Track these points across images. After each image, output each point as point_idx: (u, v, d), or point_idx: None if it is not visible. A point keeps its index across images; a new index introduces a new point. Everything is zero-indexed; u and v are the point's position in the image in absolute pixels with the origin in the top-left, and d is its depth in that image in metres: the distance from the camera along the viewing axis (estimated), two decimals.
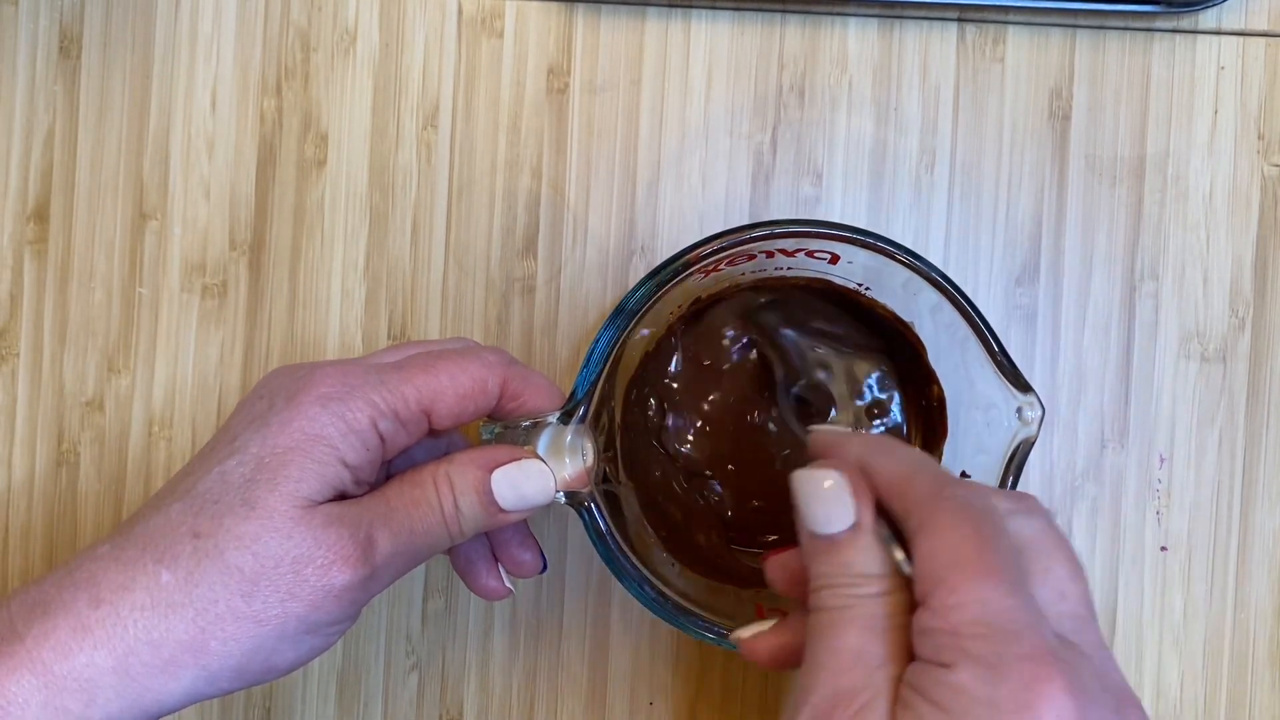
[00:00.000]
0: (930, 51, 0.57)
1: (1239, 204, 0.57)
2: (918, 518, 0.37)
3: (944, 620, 0.34)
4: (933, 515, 0.36)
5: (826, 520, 0.38)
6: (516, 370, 0.46)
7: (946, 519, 0.36)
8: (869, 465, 0.39)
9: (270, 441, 0.41)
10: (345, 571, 0.41)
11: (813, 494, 0.39)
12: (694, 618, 0.47)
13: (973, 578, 0.34)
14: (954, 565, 0.35)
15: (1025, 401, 0.46)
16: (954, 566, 0.35)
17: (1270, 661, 0.57)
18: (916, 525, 0.36)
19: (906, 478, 0.38)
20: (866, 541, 0.38)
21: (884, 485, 0.38)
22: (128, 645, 0.39)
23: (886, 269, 0.47)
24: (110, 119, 0.58)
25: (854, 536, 0.38)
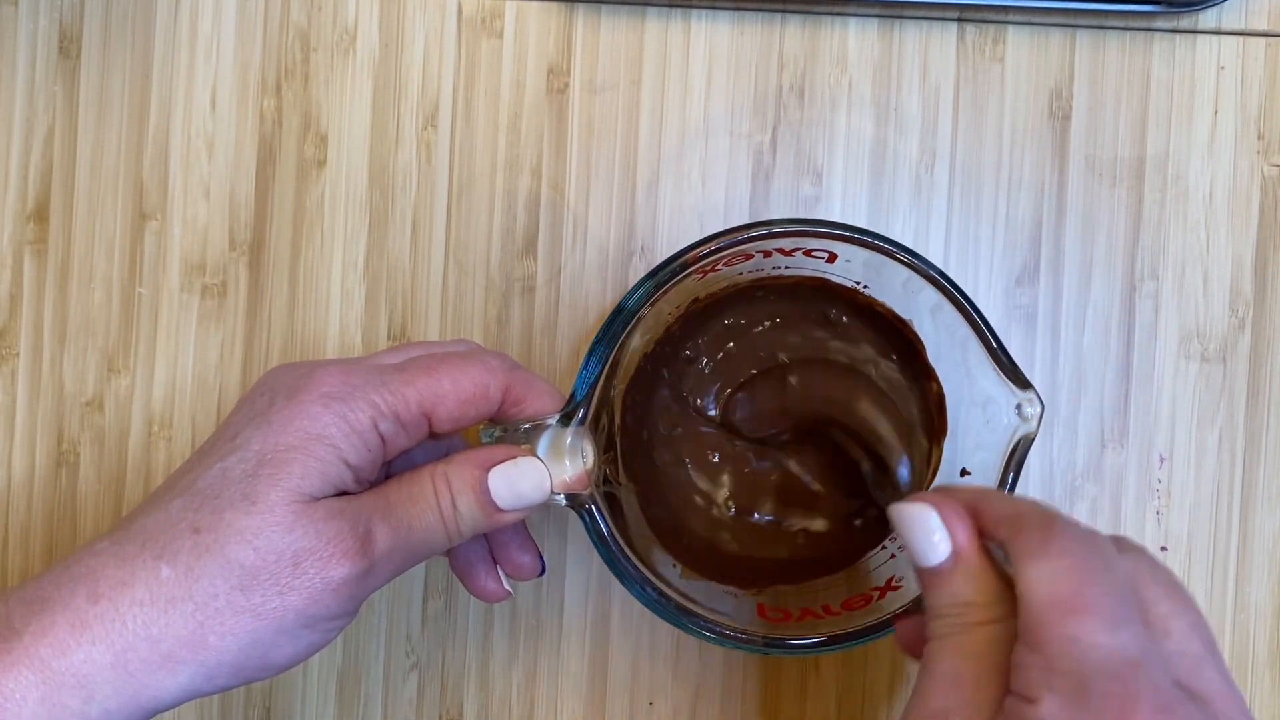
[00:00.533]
0: (930, 51, 0.57)
1: (1239, 204, 0.57)
2: (1022, 548, 0.36)
3: (1036, 655, 0.34)
4: (1039, 545, 0.36)
5: (926, 553, 0.39)
6: (519, 375, 0.46)
7: (1052, 549, 0.36)
8: (979, 504, 0.39)
9: (272, 439, 0.41)
10: (344, 565, 0.41)
11: (911, 527, 0.39)
12: (695, 618, 0.47)
13: (1068, 614, 0.34)
14: (1051, 599, 0.35)
15: (1025, 398, 0.46)
16: (1051, 600, 0.34)
17: (1270, 662, 0.57)
18: (1020, 555, 0.36)
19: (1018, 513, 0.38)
20: (968, 570, 0.38)
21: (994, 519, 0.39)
22: (126, 641, 0.39)
23: (886, 268, 0.47)
24: (110, 119, 0.58)
25: (955, 565, 0.39)
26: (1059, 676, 0.33)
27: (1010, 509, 0.38)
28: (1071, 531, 0.37)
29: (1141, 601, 0.36)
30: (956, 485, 0.42)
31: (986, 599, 0.38)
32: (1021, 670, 0.34)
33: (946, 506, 0.39)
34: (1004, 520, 0.38)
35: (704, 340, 0.54)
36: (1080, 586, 0.34)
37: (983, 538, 0.39)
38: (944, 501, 0.40)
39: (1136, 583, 0.37)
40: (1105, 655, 0.33)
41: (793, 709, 0.57)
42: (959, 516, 0.39)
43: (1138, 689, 0.32)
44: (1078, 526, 0.37)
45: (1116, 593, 0.35)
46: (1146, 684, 0.33)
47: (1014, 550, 0.37)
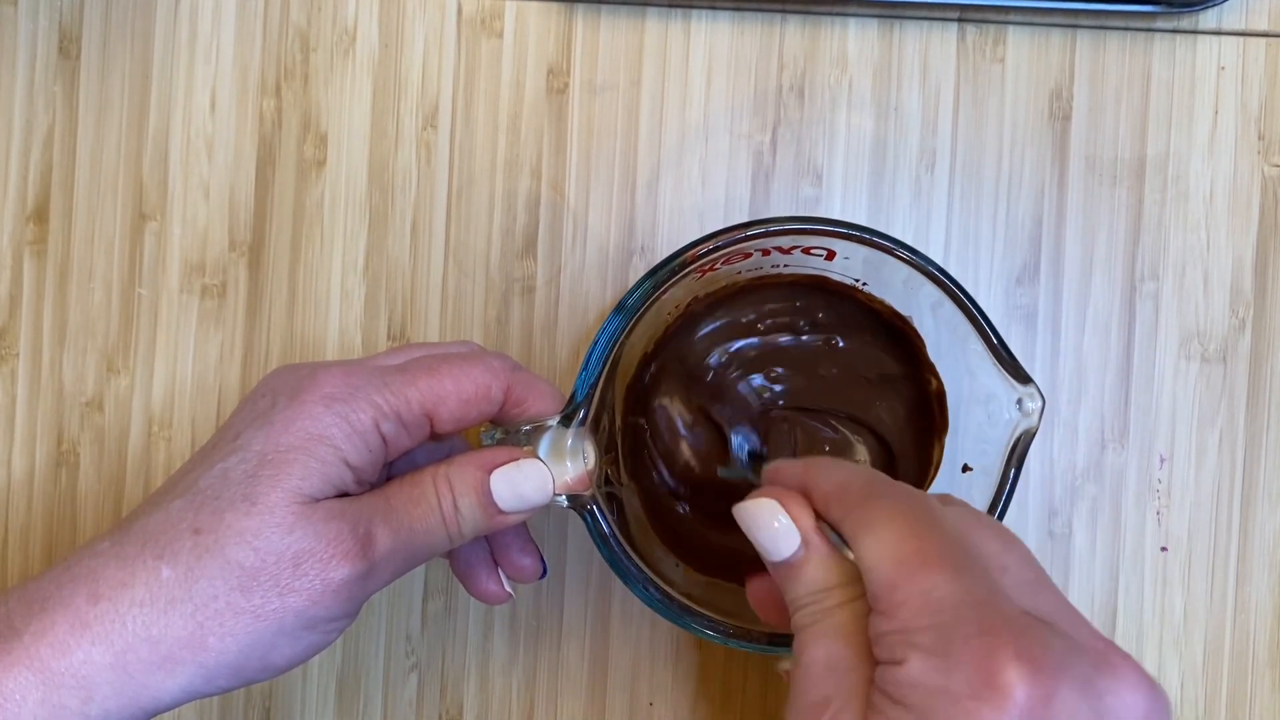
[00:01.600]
0: (930, 51, 0.57)
1: (1239, 204, 0.57)
2: (853, 524, 0.37)
3: (893, 620, 0.34)
4: (869, 515, 0.37)
5: (776, 548, 0.40)
6: (520, 376, 0.46)
7: (879, 518, 0.36)
8: (807, 484, 0.40)
9: (273, 439, 0.41)
10: (344, 566, 0.41)
11: (757, 524, 0.40)
12: (698, 617, 0.47)
13: (912, 571, 0.35)
14: (891, 561, 0.35)
15: (1025, 393, 0.46)
16: (891, 562, 0.35)
17: (1270, 661, 0.57)
18: (855, 527, 0.37)
19: (842, 488, 0.39)
20: (818, 556, 0.39)
21: (821, 500, 0.40)
22: (126, 642, 0.39)
23: (886, 265, 0.47)
24: (110, 119, 0.58)
25: (807, 555, 0.39)
26: (918, 633, 0.33)
27: (832, 485, 0.39)
28: (893, 494, 0.38)
29: (974, 544, 0.37)
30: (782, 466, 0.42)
31: (841, 579, 0.38)
32: (882, 639, 0.35)
33: (786, 497, 0.40)
34: (831, 499, 0.39)
35: (704, 339, 0.54)
36: (917, 544, 0.35)
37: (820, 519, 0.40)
38: (783, 494, 0.40)
39: (964, 529, 0.37)
40: (956, 602, 0.34)
41: None
42: (799, 505, 0.40)
43: (994, 624, 0.33)
44: (897, 488, 0.39)
45: (951, 542, 0.36)
46: (999, 618, 0.33)
47: (846, 530, 0.38)
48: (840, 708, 0.35)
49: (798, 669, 0.38)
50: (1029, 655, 0.32)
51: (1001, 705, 0.31)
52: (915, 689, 0.33)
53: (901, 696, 0.33)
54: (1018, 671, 0.32)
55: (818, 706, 0.36)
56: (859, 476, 0.39)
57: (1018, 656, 0.32)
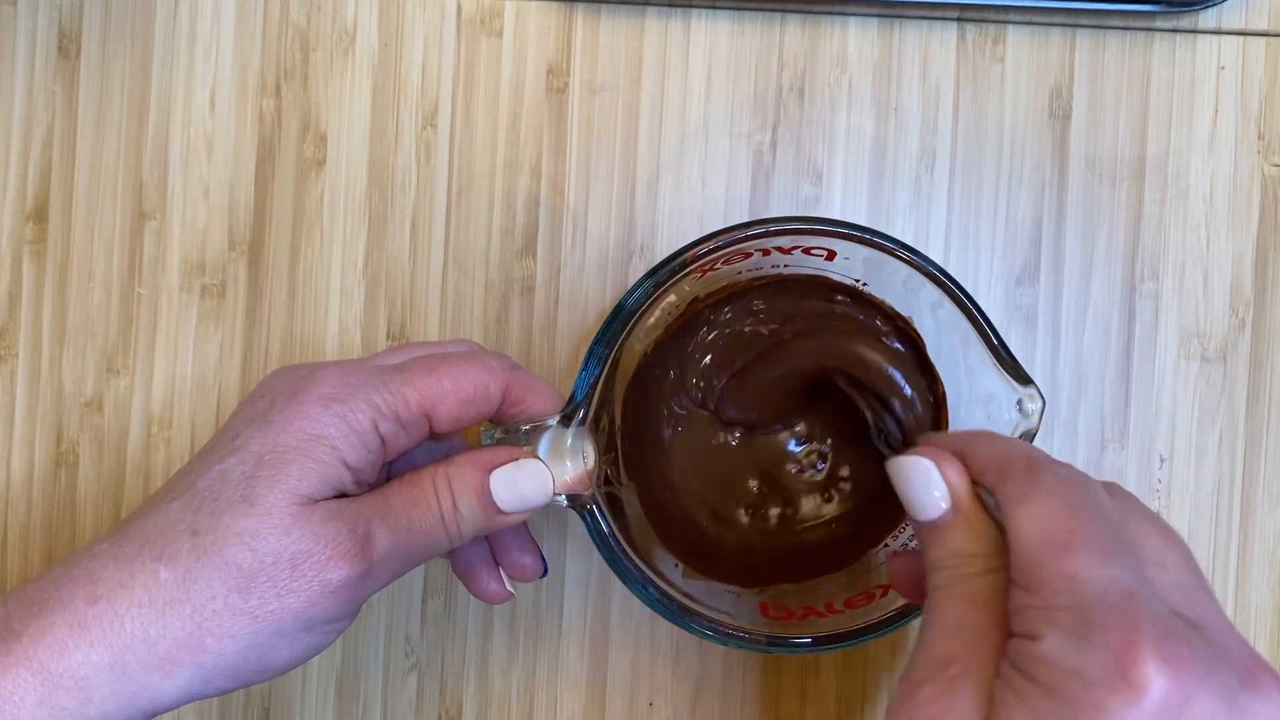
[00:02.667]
0: (930, 51, 0.57)
1: (1239, 204, 0.57)
2: (1010, 492, 0.37)
3: (1035, 595, 0.34)
4: (1026, 490, 0.36)
5: (924, 507, 0.39)
6: (519, 375, 0.46)
7: (1038, 492, 0.36)
8: (967, 451, 0.40)
9: (271, 440, 0.41)
10: (343, 567, 0.41)
11: (909, 481, 0.40)
12: (698, 617, 0.47)
13: (1063, 550, 0.34)
14: (1043, 539, 0.35)
15: (1026, 394, 0.46)
16: (1043, 540, 0.35)
17: (1270, 661, 0.57)
18: (1009, 500, 0.36)
19: (1003, 457, 0.38)
20: (966, 520, 0.39)
21: (980, 466, 0.39)
22: (124, 643, 0.39)
23: (886, 265, 0.47)
24: (109, 119, 0.58)
25: (955, 518, 0.39)
26: (1059, 612, 0.33)
27: (995, 453, 0.39)
28: (1057, 472, 0.37)
29: (1133, 537, 0.36)
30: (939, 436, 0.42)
31: (986, 548, 0.38)
32: (1021, 613, 0.34)
33: (942, 458, 0.40)
34: (991, 466, 0.38)
35: (704, 339, 0.54)
36: (1072, 524, 0.35)
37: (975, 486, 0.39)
38: (939, 454, 0.40)
39: (1126, 520, 0.37)
40: (1103, 587, 0.33)
41: (793, 708, 0.57)
42: (955, 468, 0.39)
43: (1138, 617, 0.32)
44: (1063, 467, 0.38)
45: (1108, 528, 0.35)
46: (1146, 611, 0.32)
47: (1002, 497, 0.37)
48: (963, 669, 0.35)
49: (927, 627, 0.38)
50: (1172, 654, 0.32)
51: (1135, 699, 0.31)
52: (1048, 666, 0.33)
53: (1032, 671, 0.33)
54: (1157, 668, 0.31)
55: (941, 663, 0.36)
56: (1023, 448, 0.39)
57: (1159, 654, 0.31)
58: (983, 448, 0.39)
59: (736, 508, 0.54)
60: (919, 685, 0.36)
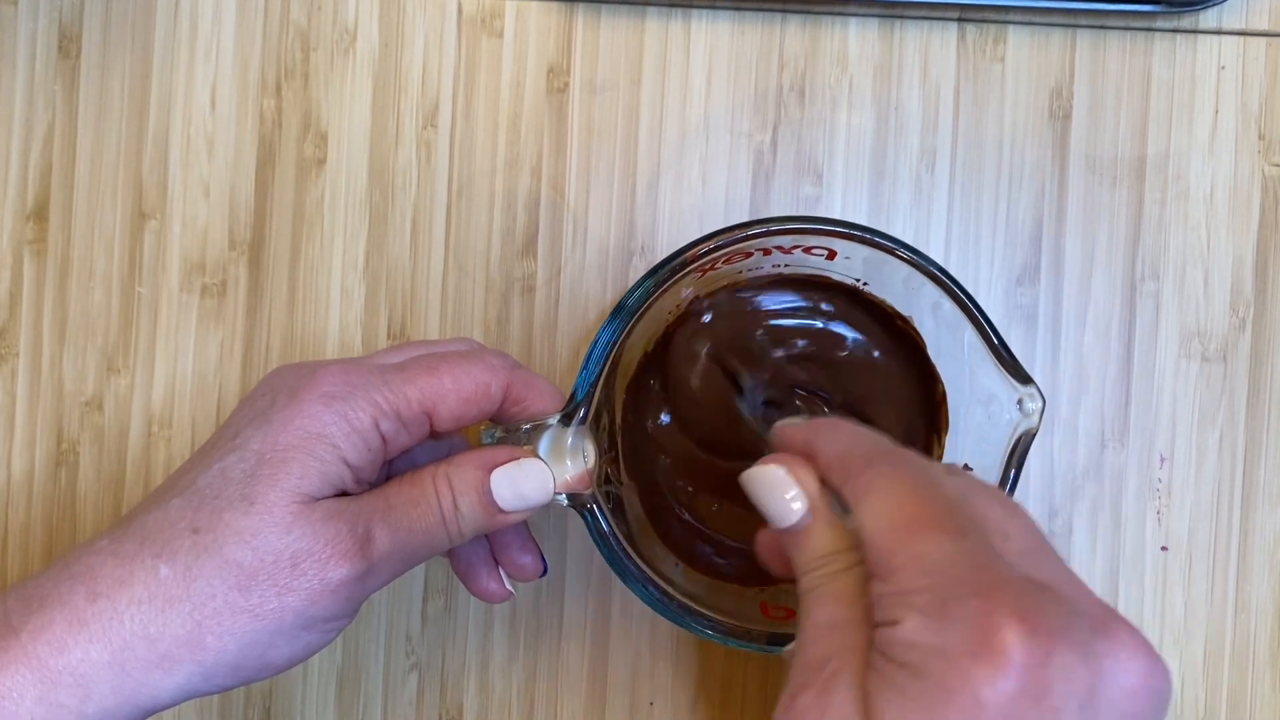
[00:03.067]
0: (930, 51, 0.57)
1: (1239, 204, 0.57)
2: (853, 490, 0.37)
3: (890, 582, 0.35)
4: (868, 484, 0.37)
5: (782, 515, 0.40)
6: (520, 374, 0.46)
7: (878, 484, 0.37)
8: (813, 448, 0.40)
9: (272, 438, 0.41)
10: (343, 566, 0.41)
11: (765, 491, 0.41)
12: (698, 617, 0.47)
13: (908, 533, 0.35)
14: (889, 526, 0.35)
15: (1026, 393, 0.46)
16: (890, 528, 0.35)
17: (1270, 662, 0.57)
18: (853, 497, 0.37)
19: (845, 453, 0.39)
20: (823, 523, 0.39)
21: (825, 463, 0.40)
22: (124, 640, 0.39)
23: (887, 265, 0.47)
24: (110, 118, 0.58)
25: (813, 521, 0.39)
26: (915, 594, 0.34)
27: (836, 450, 0.39)
28: (894, 460, 0.38)
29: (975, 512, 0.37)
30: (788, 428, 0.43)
31: (846, 544, 0.38)
32: (880, 601, 0.35)
33: (793, 464, 0.40)
34: (834, 465, 0.39)
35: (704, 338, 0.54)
36: (915, 507, 0.35)
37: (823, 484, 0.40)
38: (789, 460, 0.41)
39: (967, 496, 0.37)
40: (954, 563, 0.34)
41: None
42: (806, 472, 0.40)
43: (990, 585, 0.33)
44: (898, 454, 0.39)
45: (950, 506, 0.36)
46: (997, 580, 0.33)
47: (847, 495, 0.38)
48: (839, 666, 0.35)
49: (800, 631, 0.38)
50: (1026, 616, 0.32)
51: (998, 664, 0.31)
52: (911, 648, 0.33)
53: (898, 655, 0.33)
54: (1015, 632, 0.32)
55: (818, 664, 0.36)
56: (862, 442, 0.40)
57: (1015, 617, 0.32)
58: (826, 444, 0.40)
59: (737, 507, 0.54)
60: (798, 692, 0.36)
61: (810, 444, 0.41)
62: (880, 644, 0.34)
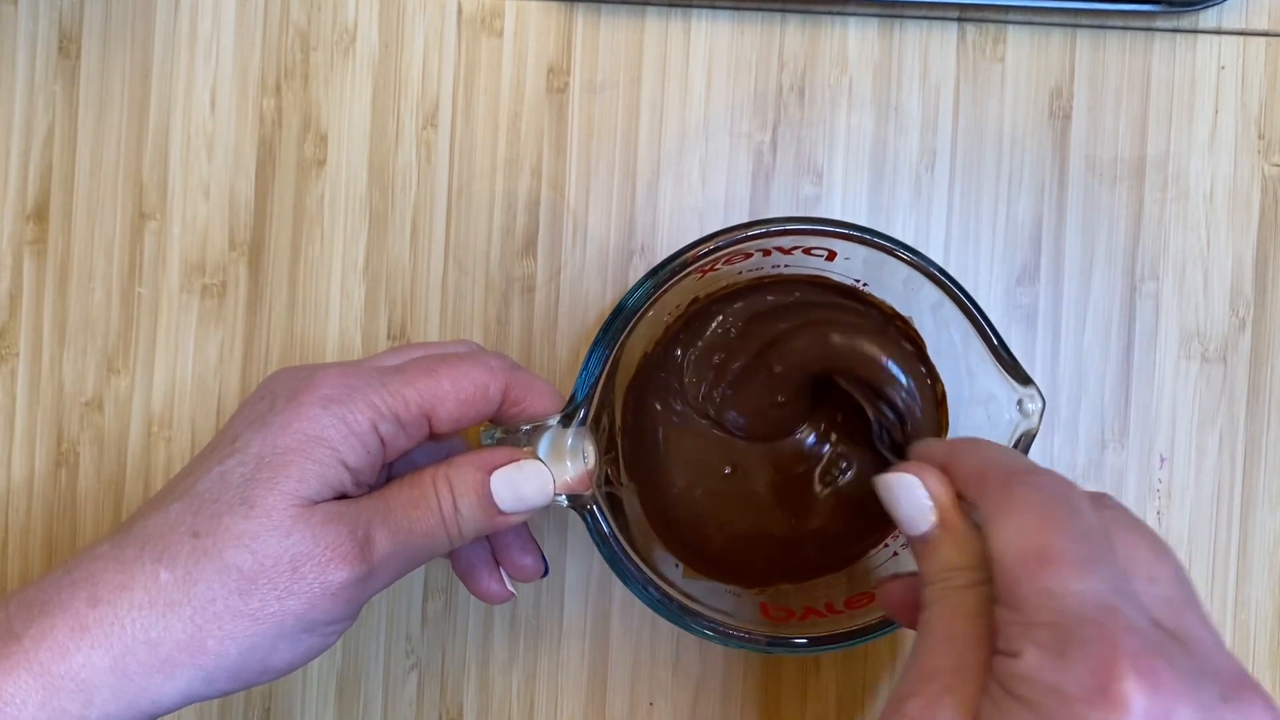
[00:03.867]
0: (930, 51, 0.57)
1: (1239, 204, 0.57)
2: (987, 507, 0.37)
3: (1014, 611, 0.34)
4: (1002, 503, 0.36)
5: (912, 522, 0.40)
6: (519, 376, 0.46)
7: (1013, 505, 0.36)
8: (951, 461, 0.40)
9: (271, 441, 0.41)
10: (343, 569, 0.41)
11: (896, 497, 0.41)
12: (698, 617, 0.47)
13: (1039, 565, 0.34)
14: (1019, 554, 0.35)
15: (1026, 394, 0.46)
16: (1019, 555, 0.35)
17: (1270, 662, 0.57)
18: (987, 515, 0.37)
19: (983, 468, 0.39)
20: (954, 535, 0.39)
21: (963, 478, 0.39)
22: (125, 645, 0.39)
23: (886, 266, 0.47)
24: (110, 119, 0.58)
25: (942, 533, 0.39)
26: (1038, 628, 0.33)
27: (975, 465, 0.39)
28: (1034, 483, 0.37)
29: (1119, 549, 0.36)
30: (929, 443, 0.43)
31: (972, 561, 0.38)
32: (1003, 628, 0.34)
33: (926, 473, 0.40)
34: (972, 479, 0.39)
35: (704, 339, 0.54)
36: (1046, 537, 0.35)
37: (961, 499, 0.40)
38: (923, 469, 0.41)
39: (1113, 531, 0.36)
40: (1080, 601, 0.33)
41: (793, 708, 0.57)
42: (939, 482, 0.40)
43: (1116, 631, 0.32)
44: (1041, 476, 0.38)
45: (1085, 538, 0.35)
46: (1125, 625, 0.32)
47: (982, 513, 0.37)
48: (951, 682, 0.35)
49: (919, 640, 0.38)
50: (1150, 669, 0.31)
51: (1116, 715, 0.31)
52: (1028, 683, 0.33)
53: (1014, 688, 0.33)
54: (1136, 684, 0.31)
55: (929, 674, 0.36)
56: (1004, 458, 0.39)
57: (1137, 669, 0.31)
58: (968, 457, 0.40)
59: (736, 508, 0.54)
60: (905, 699, 0.36)
61: (950, 456, 0.40)
62: (998, 672, 0.34)
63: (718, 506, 0.54)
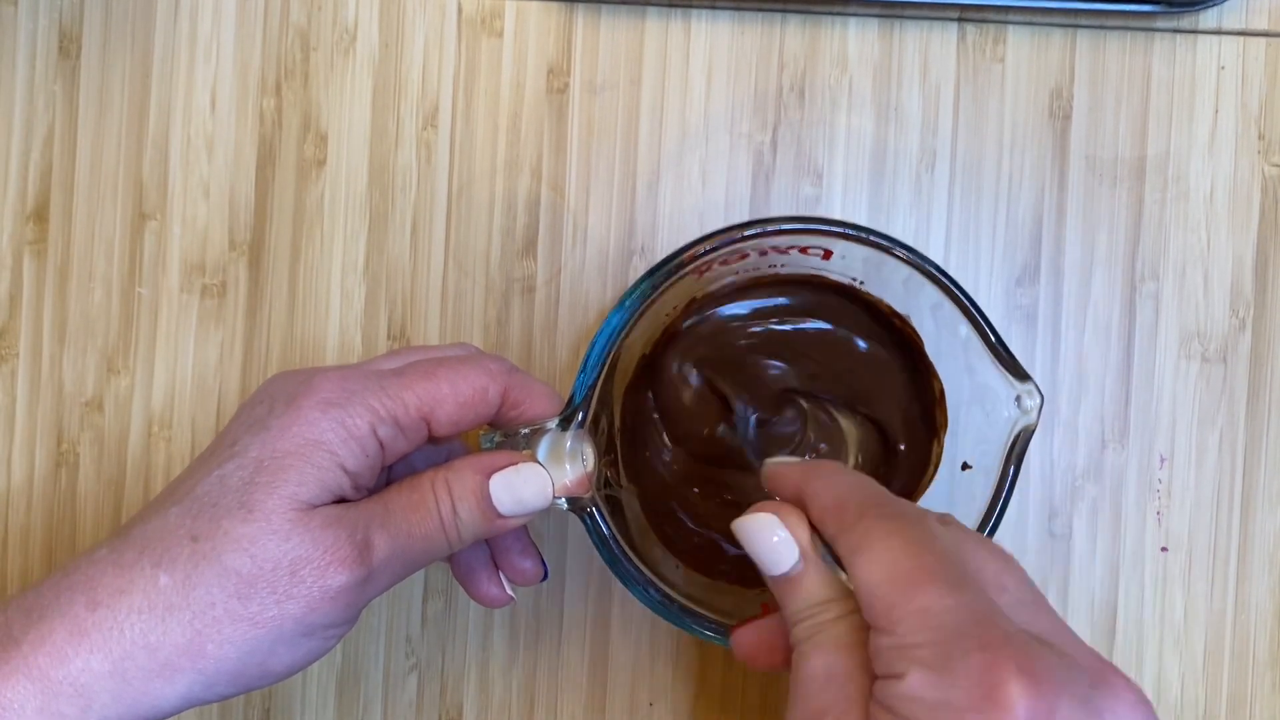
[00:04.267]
0: (930, 51, 0.57)
1: (1239, 204, 0.57)
2: (848, 543, 0.38)
3: (891, 635, 0.35)
4: (862, 538, 0.37)
5: (775, 562, 0.41)
6: (518, 378, 0.46)
7: (875, 537, 0.37)
8: (805, 494, 0.41)
9: (270, 445, 0.41)
10: (342, 573, 0.41)
11: (756, 539, 0.41)
12: (699, 618, 0.47)
13: (908, 588, 0.35)
14: (888, 580, 0.36)
15: (1024, 390, 0.46)
16: (888, 582, 0.36)
17: (1270, 662, 0.57)
18: (848, 551, 0.38)
19: (839, 503, 0.40)
20: (816, 570, 0.40)
21: (818, 513, 0.40)
22: (124, 649, 0.39)
23: (886, 265, 0.47)
24: (110, 119, 0.58)
25: (805, 568, 0.40)
26: (918, 648, 0.34)
27: (831, 499, 0.40)
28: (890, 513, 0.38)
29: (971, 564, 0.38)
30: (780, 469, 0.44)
31: (840, 592, 0.39)
32: (881, 654, 0.35)
33: (785, 512, 0.41)
34: (827, 515, 0.40)
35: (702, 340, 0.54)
36: (914, 560, 0.36)
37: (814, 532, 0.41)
38: (781, 507, 0.41)
39: (961, 550, 0.38)
40: (956, 617, 0.34)
41: None
42: (798, 520, 0.41)
43: (993, 640, 0.33)
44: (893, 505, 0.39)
45: (948, 559, 0.36)
46: (1000, 634, 0.33)
47: (840, 549, 0.38)
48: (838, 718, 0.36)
49: (796, 681, 0.38)
50: (1030, 670, 0.32)
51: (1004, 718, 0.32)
52: (915, 703, 0.33)
53: (901, 709, 0.34)
54: (1019, 686, 0.32)
55: (817, 715, 0.36)
56: (855, 491, 0.40)
57: (1019, 671, 0.32)
58: (820, 492, 0.41)
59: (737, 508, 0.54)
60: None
61: (802, 489, 0.41)
62: (881, 697, 0.35)
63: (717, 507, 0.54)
